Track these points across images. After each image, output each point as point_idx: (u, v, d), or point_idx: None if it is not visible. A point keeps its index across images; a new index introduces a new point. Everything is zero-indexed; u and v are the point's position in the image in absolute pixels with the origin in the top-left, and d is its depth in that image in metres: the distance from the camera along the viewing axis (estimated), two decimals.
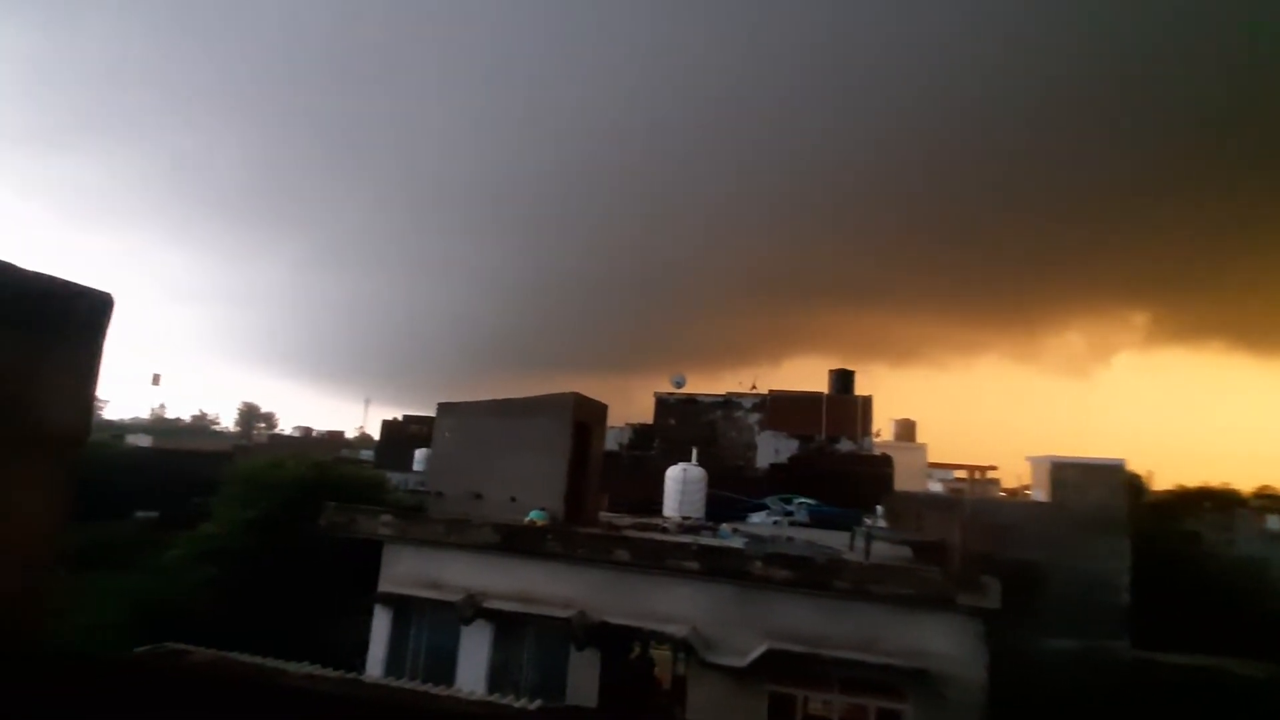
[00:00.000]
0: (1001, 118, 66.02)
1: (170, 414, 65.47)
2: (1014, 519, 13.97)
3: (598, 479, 10.81)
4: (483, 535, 7.89)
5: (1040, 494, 14.82)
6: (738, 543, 8.80)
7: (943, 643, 6.76)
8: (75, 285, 2.05)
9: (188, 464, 20.43)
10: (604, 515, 11.21)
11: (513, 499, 8.91)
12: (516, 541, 7.86)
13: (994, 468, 35.74)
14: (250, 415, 71.42)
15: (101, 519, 13.18)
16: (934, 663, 6.66)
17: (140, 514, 16.94)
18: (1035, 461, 15.50)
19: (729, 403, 23.98)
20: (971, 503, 12.97)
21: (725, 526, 10.61)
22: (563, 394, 9.48)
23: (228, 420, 70.93)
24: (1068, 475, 13.92)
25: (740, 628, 7.25)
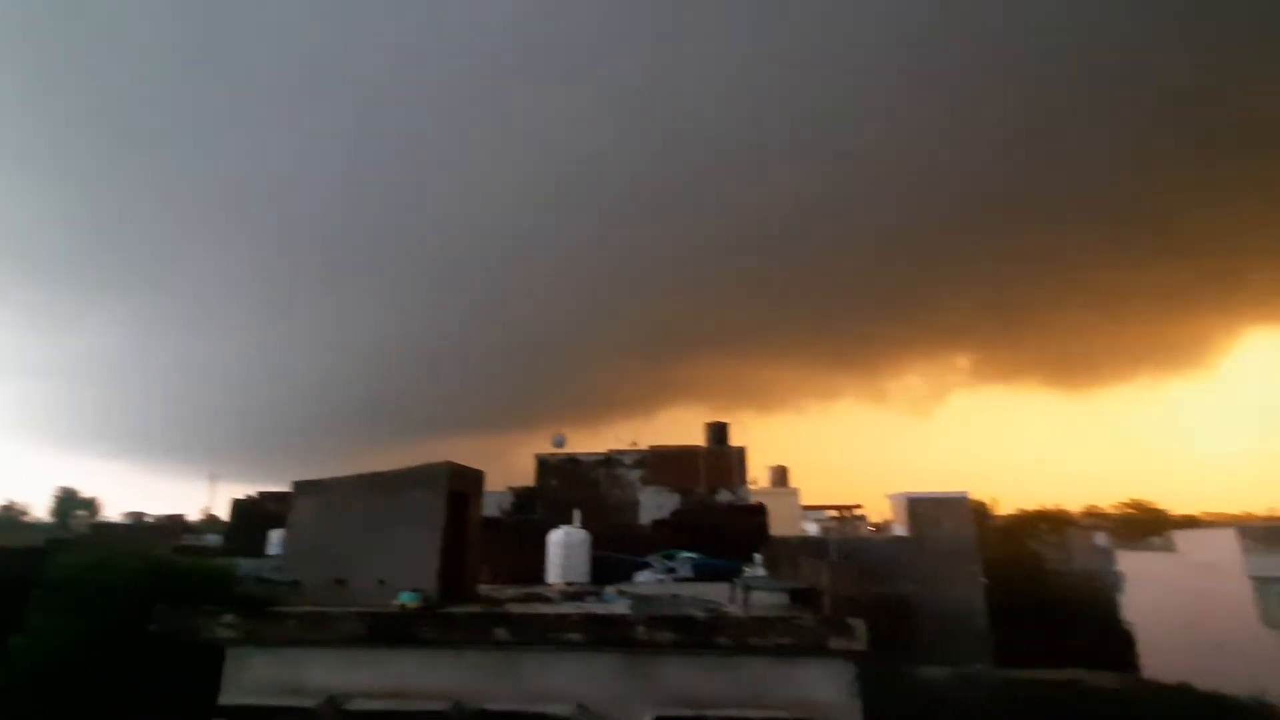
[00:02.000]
0: (845, 179, 73.68)
1: None
2: (879, 556, 14.90)
3: (477, 551, 10.32)
4: (345, 627, 7.22)
5: (901, 529, 15.97)
6: (623, 605, 8.68)
7: (821, 689, 6.95)
8: None
9: None
10: (484, 589, 10.68)
11: (380, 582, 8.27)
12: (384, 631, 7.26)
13: (859, 506, 38.14)
14: (68, 502, 61.79)
15: None
16: (815, 711, 6.81)
17: None
18: (894, 498, 16.74)
19: (610, 460, 23.98)
20: (838, 543, 13.70)
21: (610, 589, 10.44)
22: (435, 464, 9.05)
23: (41, 509, 61.01)
24: (921, 509, 15.17)
25: (628, 699, 7.06)
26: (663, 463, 23.65)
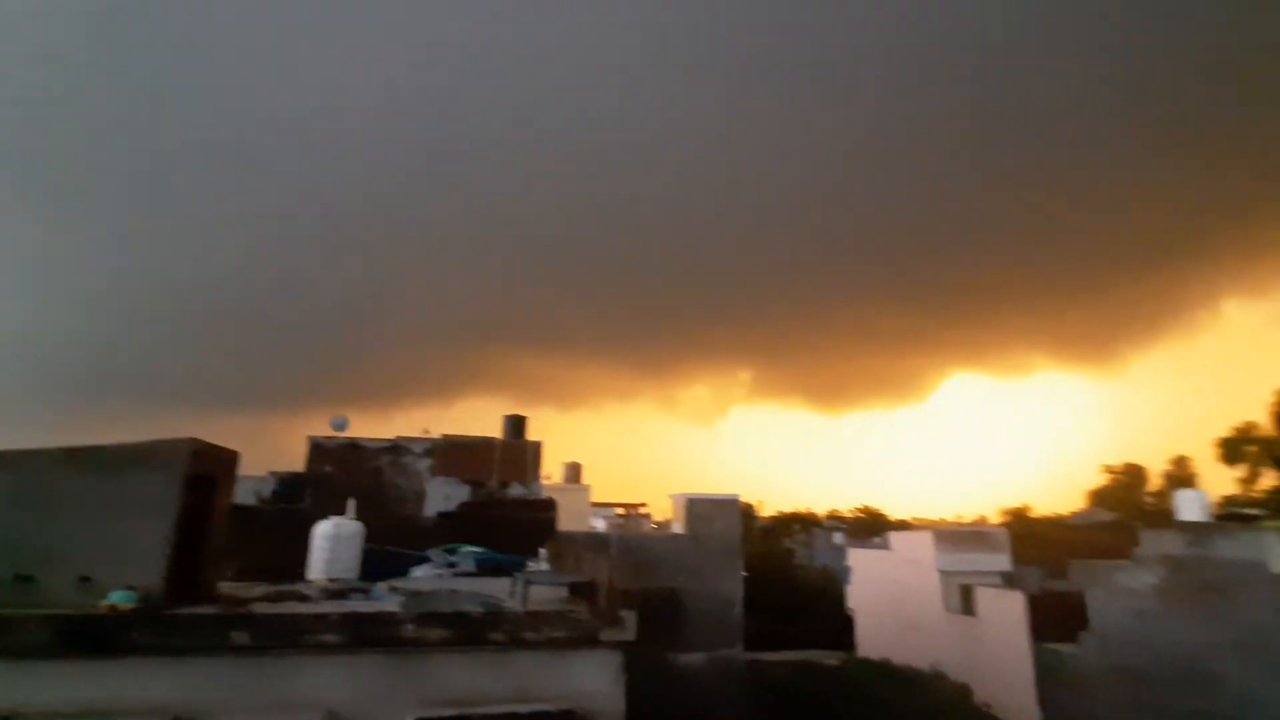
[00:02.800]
0: (658, 191, 77.65)
1: None
2: (657, 551, 15.80)
3: (220, 543, 9.00)
4: (23, 634, 5.86)
5: (679, 527, 17.08)
6: (393, 603, 8.14)
7: (589, 680, 7.14)
8: None
9: None
10: (227, 587, 9.35)
11: (84, 579, 6.83)
12: (82, 637, 6.02)
13: (645, 505, 40.21)
14: None
15: None
16: (581, 701, 6.97)
17: None
18: (675, 498, 17.84)
19: (397, 448, 22.52)
20: (618, 539, 14.25)
21: (380, 586, 9.75)
22: (173, 440, 7.71)
23: None
24: (698, 509, 16.37)
25: (388, 701, 6.64)
26: (455, 453, 22.72)
